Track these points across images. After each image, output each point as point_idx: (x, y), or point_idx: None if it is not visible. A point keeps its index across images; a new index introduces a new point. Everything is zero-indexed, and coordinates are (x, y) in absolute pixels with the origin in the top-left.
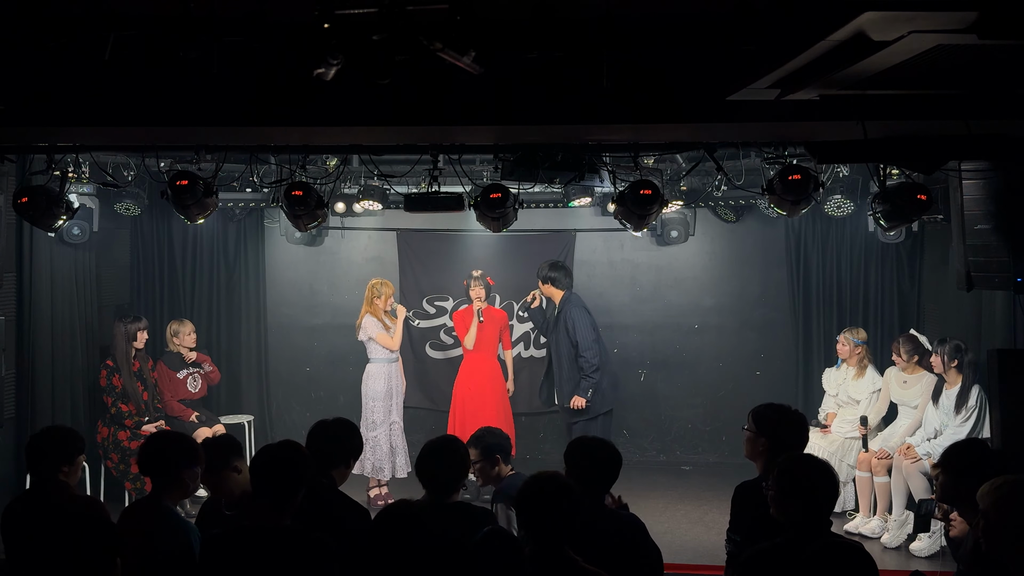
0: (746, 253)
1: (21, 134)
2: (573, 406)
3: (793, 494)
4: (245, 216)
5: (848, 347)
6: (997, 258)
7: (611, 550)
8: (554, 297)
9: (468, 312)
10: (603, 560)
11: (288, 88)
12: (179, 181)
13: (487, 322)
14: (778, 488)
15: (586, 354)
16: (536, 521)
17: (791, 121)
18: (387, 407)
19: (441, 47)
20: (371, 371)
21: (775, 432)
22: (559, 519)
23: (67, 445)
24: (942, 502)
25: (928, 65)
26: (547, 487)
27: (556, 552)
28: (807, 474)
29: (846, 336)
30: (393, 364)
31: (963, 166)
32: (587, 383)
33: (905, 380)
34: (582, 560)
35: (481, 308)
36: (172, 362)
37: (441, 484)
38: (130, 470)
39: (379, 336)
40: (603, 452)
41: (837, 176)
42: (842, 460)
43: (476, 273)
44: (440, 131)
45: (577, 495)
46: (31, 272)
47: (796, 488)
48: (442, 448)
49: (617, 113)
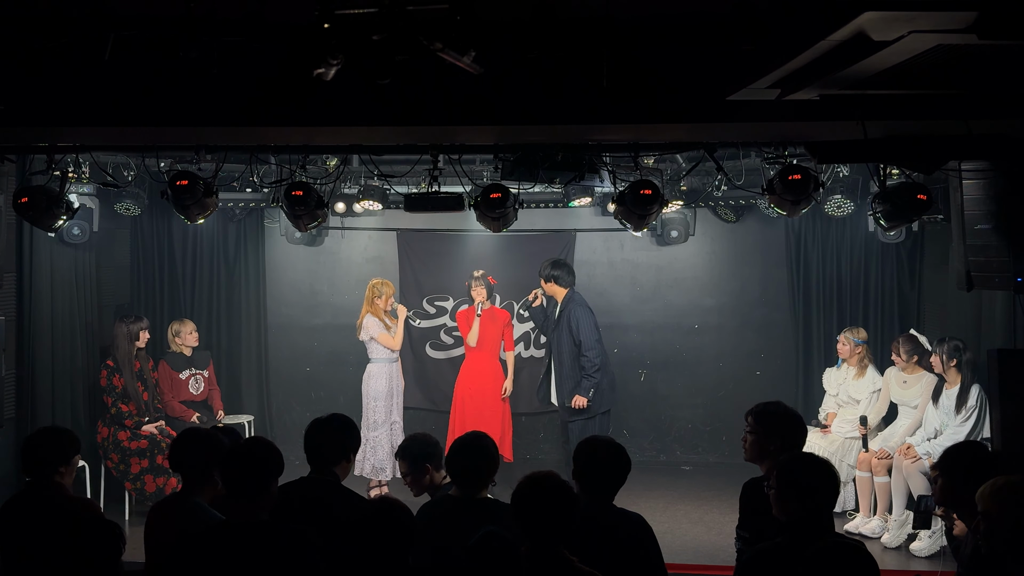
0: (746, 253)
1: (21, 134)
2: (574, 405)
3: (794, 493)
4: (245, 216)
5: (848, 347)
6: (997, 258)
7: (617, 551)
8: (557, 295)
9: (470, 311)
10: (609, 560)
11: (288, 88)
12: (179, 181)
13: (489, 322)
14: (779, 487)
15: (589, 353)
16: (532, 520)
17: (791, 121)
18: (388, 407)
19: (441, 47)
20: (372, 371)
21: (783, 431)
22: (555, 518)
23: (63, 445)
24: (941, 505)
25: (928, 65)
26: (543, 486)
27: (551, 552)
28: (808, 473)
29: (846, 336)
30: (394, 364)
31: (963, 166)
32: (589, 382)
33: (905, 380)
34: (577, 560)
35: (481, 303)
36: (174, 362)
37: (471, 480)
38: (130, 470)
39: (380, 336)
40: (610, 452)
41: (837, 176)
42: (842, 460)
43: (477, 273)
44: (440, 131)
45: (573, 494)
46: (31, 272)
47: (797, 487)
48: (472, 444)
49: (617, 113)
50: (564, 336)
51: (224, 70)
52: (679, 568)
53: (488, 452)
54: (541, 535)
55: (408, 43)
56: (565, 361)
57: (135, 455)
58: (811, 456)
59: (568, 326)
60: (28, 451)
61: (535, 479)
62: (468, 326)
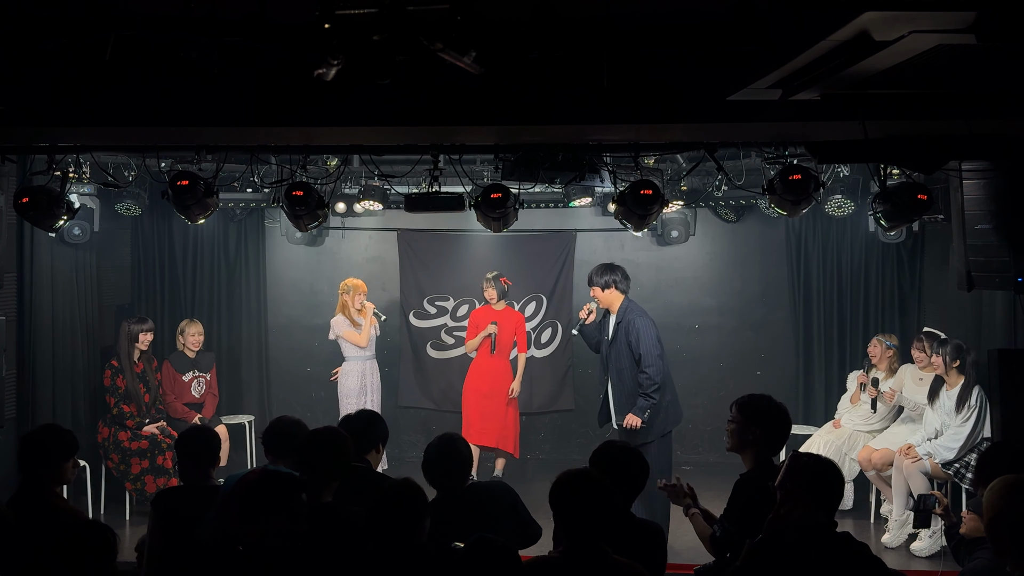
0: (746, 253)
1: (21, 134)
2: (626, 424)
3: (802, 493)
4: (246, 216)
5: (880, 349)
6: (997, 258)
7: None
8: (613, 304)
9: (486, 314)
10: None
11: (288, 88)
12: (180, 181)
13: (503, 324)
14: (787, 487)
15: (648, 370)
16: (571, 518)
17: (791, 121)
18: (360, 404)
19: (441, 47)
20: (344, 368)
21: (765, 421)
22: (594, 515)
23: (62, 445)
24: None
25: (928, 65)
26: (581, 484)
27: (592, 548)
28: (816, 473)
29: (878, 339)
30: (367, 362)
31: (963, 166)
32: (645, 402)
33: (921, 378)
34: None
35: (495, 334)
36: (178, 364)
37: (450, 484)
38: (131, 470)
39: (346, 333)
40: (627, 458)
41: (837, 176)
42: (847, 455)
43: (491, 274)
44: (440, 131)
45: (610, 490)
46: (32, 272)
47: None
48: (447, 448)
49: (617, 113)
50: (623, 350)
51: (225, 70)
52: (679, 568)
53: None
54: (580, 532)
55: (408, 43)
56: (626, 379)
57: (135, 455)
58: (817, 457)
59: (627, 339)
60: (28, 450)
61: (571, 477)
62: (476, 331)
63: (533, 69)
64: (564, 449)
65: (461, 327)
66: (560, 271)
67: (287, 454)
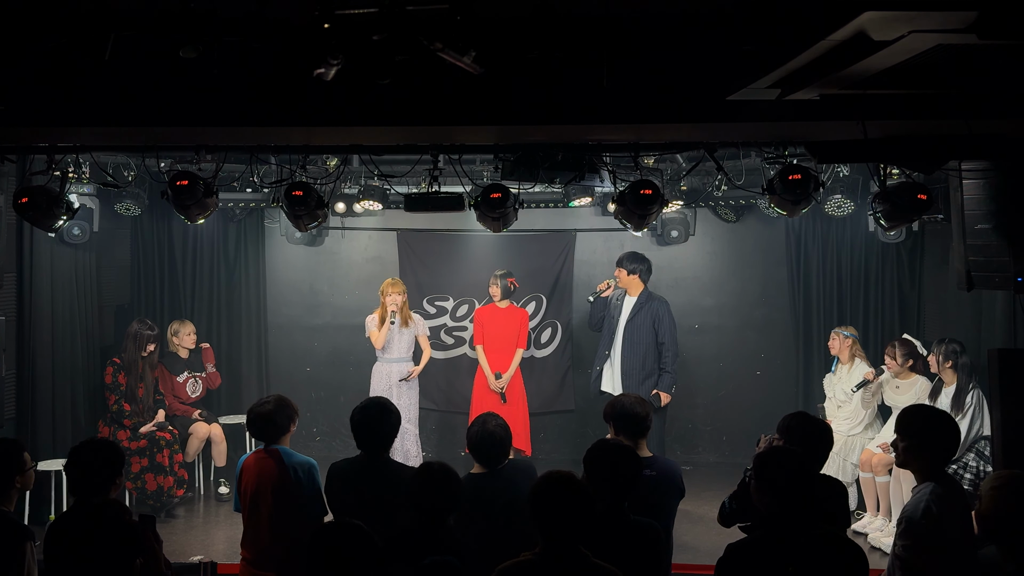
0: (746, 253)
1: (21, 134)
2: (663, 403)
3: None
4: (245, 216)
5: (838, 340)
6: (997, 258)
7: (625, 557)
8: (633, 289)
9: (489, 313)
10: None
11: (288, 88)
12: (179, 181)
13: (507, 321)
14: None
15: (674, 348)
16: (549, 519)
17: (791, 121)
18: None
19: (441, 47)
20: (373, 369)
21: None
22: (572, 518)
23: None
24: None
25: (928, 65)
26: (560, 486)
27: (569, 550)
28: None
29: (835, 331)
30: (393, 364)
31: (963, 166)
32: (671, 378)
33: (898, 385)
34: (592, 555)
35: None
36: (171, 365)
37: (376, 444)
38: (131, 469)
39: (371, 333)
40: (620, 457)
41: (837, 176)
42: (846, 459)
43: (500, 272)
44: (440, 131)
45: (590, 494)
46: (31, 272)
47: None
48: (376, 410)
49: (617, 113)
50: (645, 327)
51: (224, 70)
52: (679, 568)
53: (393, 416)
54: (558, 534)
55: (408, 43)
56: (639, 352)
57: (135, 454)
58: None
59: (653, 322)
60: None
61: (552, 478)
62: (481, 329)
63: (533, 69)
64: (564, 449)
65: (461, 327)
66: (560, 271)
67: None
